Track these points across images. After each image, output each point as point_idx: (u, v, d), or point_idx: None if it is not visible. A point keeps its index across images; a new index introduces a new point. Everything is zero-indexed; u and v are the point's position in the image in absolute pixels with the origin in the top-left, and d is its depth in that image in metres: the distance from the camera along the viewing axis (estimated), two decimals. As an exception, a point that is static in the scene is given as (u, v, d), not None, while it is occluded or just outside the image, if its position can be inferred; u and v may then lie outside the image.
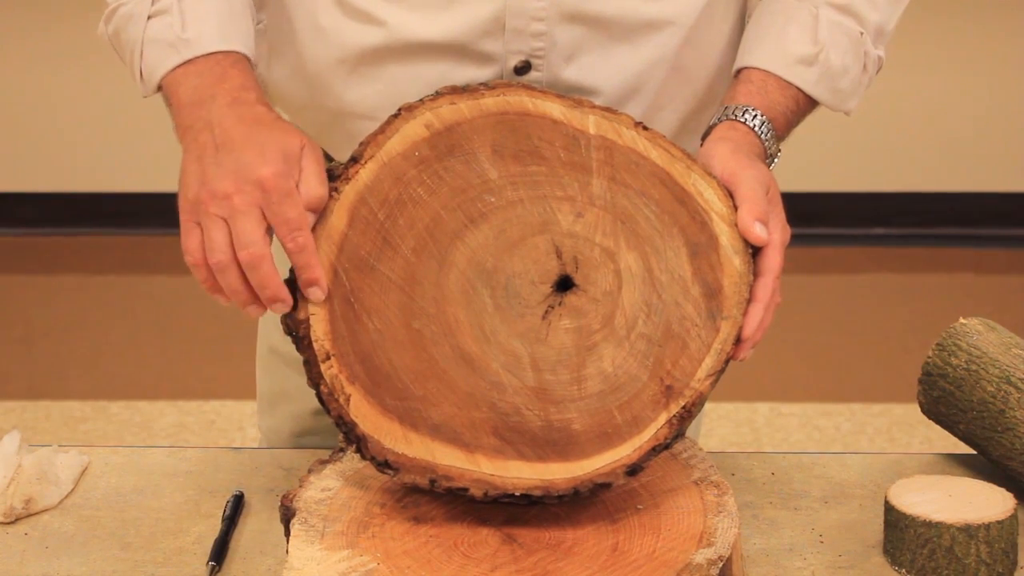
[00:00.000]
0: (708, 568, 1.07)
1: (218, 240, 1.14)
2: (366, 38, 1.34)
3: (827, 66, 1.35)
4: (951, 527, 1.13)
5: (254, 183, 1.14)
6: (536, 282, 1.16)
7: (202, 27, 1.27)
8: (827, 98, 1.37)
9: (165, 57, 1.27)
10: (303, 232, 1.13)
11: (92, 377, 3.60)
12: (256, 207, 1.14)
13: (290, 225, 1.13)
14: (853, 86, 1.38)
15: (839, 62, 1.36)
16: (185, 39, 1.26)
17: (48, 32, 4.18)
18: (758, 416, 3.34)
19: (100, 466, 1.34)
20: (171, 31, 1.26)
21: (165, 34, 1.27)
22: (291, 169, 1.15)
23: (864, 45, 1.37)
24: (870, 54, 1.38)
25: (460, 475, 1.12)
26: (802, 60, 1.35)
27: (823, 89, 1.36)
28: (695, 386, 1.14)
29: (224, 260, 1.13)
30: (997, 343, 1.31)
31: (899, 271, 4.16)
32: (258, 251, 1.13)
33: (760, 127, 1.30)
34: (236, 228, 1.13)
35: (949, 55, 4.15)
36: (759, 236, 1.18)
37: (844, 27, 1.36)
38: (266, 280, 1.13)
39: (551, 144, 1.18)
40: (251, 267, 1.13)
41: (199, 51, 1.26)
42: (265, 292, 1.13)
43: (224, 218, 1.14)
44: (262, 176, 1.14)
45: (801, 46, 1.35)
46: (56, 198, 4.34)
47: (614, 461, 1.12)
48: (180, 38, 1.26)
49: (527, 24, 1.32)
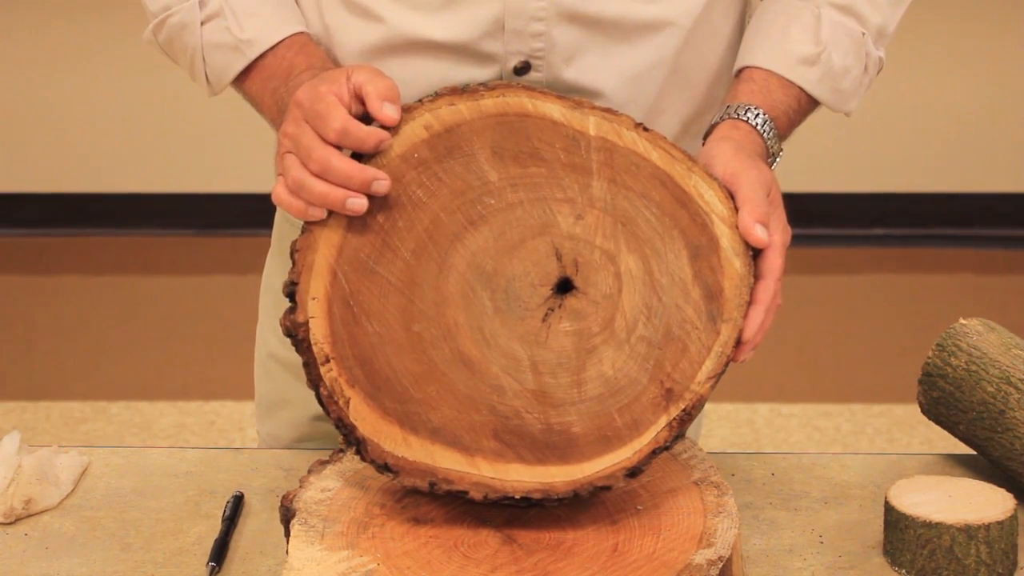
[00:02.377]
0: (708, 569, 1.07)
1: (289, 167, 1.15)
2: (366, 35, 1.34)
3: (829, 66, 1.35)
4: (951, 528, 1.13)
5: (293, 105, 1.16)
6: (536, 285, 1.16)
7: (258, 23, 1.31)
8: (828, 98, 1.37)
9: (232, 61, 1.32)
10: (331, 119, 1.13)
11: (92, 377, 3.60)
12: (303, 123, 1.15)
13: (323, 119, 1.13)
14: (854, 87, 1.38)
15: (841, 62, 1.36)
16: (247, 40, 1.31)
17: (48, 32, 4.18)
18: (758, 417, 3.34)
19: (100, 467, 1.34)
20: (230, 34, 1.31)
21: (224, 38, 1.32)
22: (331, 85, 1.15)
23: (866, 46, 1.37)
24: (871, 55, 1.38)
25: (460, 478, 1.12)
26: (804, 60, 1.35)
27: (824, 89, 1.36)
28: (695, 389, 1.14)
29: (298, 177, 1.14)
30: (997, 344, 1.31)
31: (899, 271, 4.16)
32: (320, 154, 1.13)
33: (762, 126, 1.30)
34: (298, 149, 1.14)
35: (949, 55, 4.15)
36: (760, 238, 1.17)
37: (846, 28, 1.36)
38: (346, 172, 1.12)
39: (551, 145, 1.18)
40: (325, 170, 1.13)
41: (263, 47, 1.31)
42: (352, 181, 1.13)
43: (290, 152, 1.15)
44: (297, 98, 1.16)
45: (803, 46, 1.35)
46: (56, 198, 4.34)
47: (614, 464, 1.12)
48: (241, 39, 1.31)
49: (526, 24, 1.32)
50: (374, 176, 1.13)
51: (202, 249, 4.21)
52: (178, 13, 1.33)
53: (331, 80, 1.16)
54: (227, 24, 1.31)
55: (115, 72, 4.11)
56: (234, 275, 4.01)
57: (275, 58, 1.31)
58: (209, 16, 1.32)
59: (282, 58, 1.31)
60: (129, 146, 4.27)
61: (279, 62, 1.30)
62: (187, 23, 1.33)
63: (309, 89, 1.16)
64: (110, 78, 4.16)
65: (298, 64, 1.29)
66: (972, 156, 4.26)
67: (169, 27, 1.34)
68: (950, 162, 4.26)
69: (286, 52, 1.31)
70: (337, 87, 1.16)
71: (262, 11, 1.32)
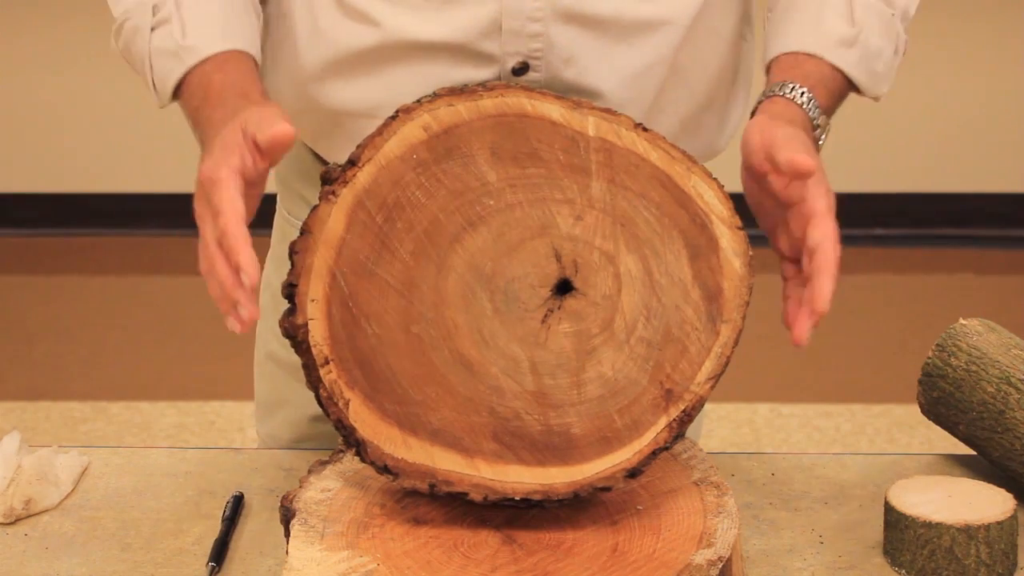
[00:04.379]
0: (708, 569, 1.07)
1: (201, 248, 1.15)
2: (362, 38, 1.34)
3: (866, 47, 1.33)
4: (951, 528, 1.13)
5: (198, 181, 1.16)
6: (535, 286, 1.15)
7: (202, 31, 1.27)
8: (864, 81, 1.34)
9: (172, 67, 1.28)
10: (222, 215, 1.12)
11: (92, 377, 3.60)
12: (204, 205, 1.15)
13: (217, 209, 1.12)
14: (887, 69, 1.36)
15: (876, 44, 1.34)
16: (187, 46, 1.27)
17: (48, 32, 4.18)
18: (758, 417, 3.34)
19: (100, 467, 1.34)
20: (172, 40, 1.27)
21: (168, 43, 1.27)
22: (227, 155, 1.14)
23: (895, 26, 1.36)
24: (900, 36, 1.37)
25: (460, 480, 1.12)
26: (843, 41, 1.32)
27: (862, 71, 1.33)
28: (695, 390, 1.14)
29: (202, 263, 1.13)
30: (997, 344, 1.31)
31: (899, 271, 4.16)
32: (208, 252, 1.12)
33: (801, 97, 1.28)
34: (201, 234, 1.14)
35: (948, 55, 4.15)
36: (807, 162, 1.15)
37: (877, 8, 1.35)
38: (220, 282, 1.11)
39: (550, 146, 1.18)
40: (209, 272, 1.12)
41: (201, 55, 1.26)
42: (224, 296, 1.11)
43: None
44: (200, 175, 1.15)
45: (841, 27, 1.33)
46: (56, 198, 4.34)
47: (614, 465, 1.12)
48: (181, 45, 1.27)
49: (523, 25, 1.32)
50: (237, 300, 1.11)
51: (202, 249, 4.20)
52: (133, 17, 1.30)
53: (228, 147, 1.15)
54: (172, 29, 1.28)
55: (115, 72, 4.11)
56: (234, 275, 4.00)
57: (199, 74, 1.26)
58: (159, 22, 1.29)
59: (203, 74, 1.26)
60: (129, 146, 4.27)
61: (200, 79, 1.26)
62: (139, 27, 1.30)
63: (211, 164, 1.15)
64: (110, 78, 4.16)
65: (214, 84, 1.25)
66: (972, 156, 4.26)
67: (125, 32, 1.31)
68: (950, 162, 4.26)
69: (208, 67, 1.26)
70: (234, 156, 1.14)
71: (210, 22, 1.28)
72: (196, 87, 1.26)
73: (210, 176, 1.14)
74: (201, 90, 1.26)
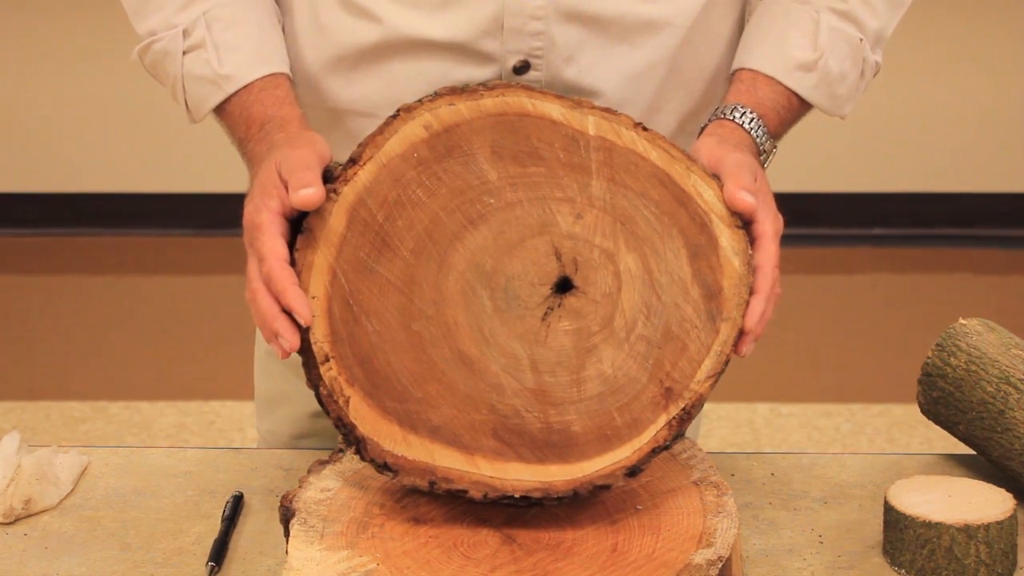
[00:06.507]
0: (708, 569, 1.07)
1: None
2: (364, 35, 1.34)
3: (826, 72, 1.35)
4: (951, 528, 1.13)
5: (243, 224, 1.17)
6: (535, 284, 1.16)
7: (237, 58, 1.30)
8: (824, 103, 1.37)
9: (209, 94, 1.31)
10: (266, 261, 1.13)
11: (92, 377, 3.60)
12: (249, 246, 1.16)
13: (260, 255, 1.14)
14: (850, 92, 1.38)
15: (838, 68, 1.36)
16: (224, 75, 1.30)
17: (48, 32, 4.18)
18: (758, 416, 3.34)
19: (100, 466, 1.34)
20: (209, 67, 1.30)
21: (204, 70, 1.31)
22: (267, 200, 1.16)
23: (863, 52, 1.37)
24: (868, 60, 1.39)
25: (460, 477, 1.12)
26: (802, 66, 1.35)
27: (820, 94, 1.36)
28: (694, 388, 1.14)
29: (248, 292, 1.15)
30: (996, 343, 1.31)
31: (899, 271, 4.16)
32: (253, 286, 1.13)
33: (749, 123, 1.31)
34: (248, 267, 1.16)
35: (949, 55, 4.15)
36: (746, 201, 1.17)
37: (845, 33, 1.36)
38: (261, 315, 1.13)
39: (550, 145, 1.18)
40: (252, 301, 1.14)
41: (239, 84, 1.30)
42: (264, 325, 1.13)
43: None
44: (245, 219, 1.17)
45: (801, 52, 1.35)
46: (56, 198, 4.34)
47: (614, 463, 1.12)
48: (219, 74, 1.30)
49: (525, 23, 1.32)
50: (276, 331, 1.12)
51: (202, 249, 4.21)
52: (162, 40, 1.33)
53: (266, 190, 1.16)
54: (207, 57, 1.31)
55: (115, 72, 4.11)
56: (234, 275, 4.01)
57: (238, 105, 1.30)
58: (191, 47, 1.32)
59: (242, 105, 1.30)
60: (128, 146, 4.27)
61: (240, 111, 1.30)
62: (170, 51, 1.33)
63: (251, 209, 1.17)
64: (110, 78, 4.16)
65: (255, 117, 1.28)
66: (972, 156, 4.26)
67: (153, 52, 1.34)
68: (950, 162, 4.26)
69: (247, 97, 1.30)
70: (272, 199, 1.15)
71: (244, 46, 1.31)
72: (238, 118, 1.30)
73: (251, 220, 1.16)
74: (243, 123, 1.29)
